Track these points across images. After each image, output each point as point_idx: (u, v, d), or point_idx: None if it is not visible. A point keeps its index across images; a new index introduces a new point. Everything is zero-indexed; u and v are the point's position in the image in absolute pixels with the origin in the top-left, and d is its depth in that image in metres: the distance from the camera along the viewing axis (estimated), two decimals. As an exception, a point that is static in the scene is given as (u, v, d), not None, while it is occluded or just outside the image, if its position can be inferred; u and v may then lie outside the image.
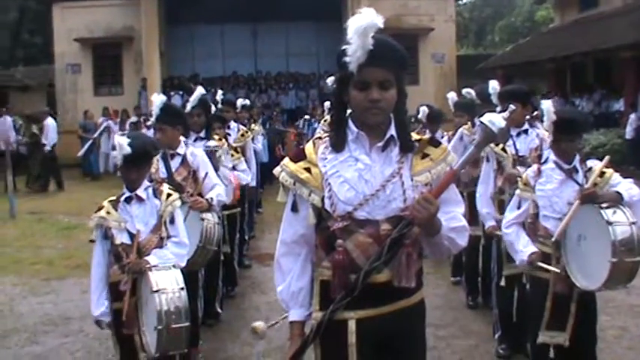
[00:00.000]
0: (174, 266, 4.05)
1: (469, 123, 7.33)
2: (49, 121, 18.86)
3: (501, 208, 5.55)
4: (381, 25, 2.54)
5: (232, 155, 7.40)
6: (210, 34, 26.50)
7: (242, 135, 8.92)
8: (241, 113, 11.13)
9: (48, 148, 18.36)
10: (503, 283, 5.73)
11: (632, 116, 18.51)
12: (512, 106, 4.35)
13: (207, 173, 5.69)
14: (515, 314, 5.84)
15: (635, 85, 19.65)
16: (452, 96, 8.46)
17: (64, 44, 24.70)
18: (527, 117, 5.80)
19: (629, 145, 18.11)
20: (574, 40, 23.35)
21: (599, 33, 22.08)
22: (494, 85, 6.26)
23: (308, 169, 2.73)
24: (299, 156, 2.79)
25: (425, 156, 2.75)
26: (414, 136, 2.80)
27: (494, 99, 6.13)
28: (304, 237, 2.80)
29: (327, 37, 26.33)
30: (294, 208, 2.80)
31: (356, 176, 2.66)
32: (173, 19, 25.40)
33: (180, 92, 23.97)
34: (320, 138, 2.82)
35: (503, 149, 5.77)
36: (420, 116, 9.03)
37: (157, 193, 4.39)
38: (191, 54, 26.98)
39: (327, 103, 11.96)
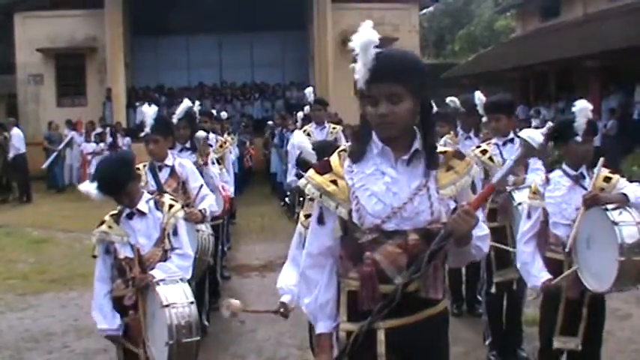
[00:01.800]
0: (181, 279, 4.01)
1: (452, 132, 7.40)
2: (15, 131, 18.70)
3: (491, 216, 5.62)
4: (377, 41, 2.58)
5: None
6: (175, 45, 26.37)
7: (220, 146, 8.90)
8: (215, 124, 11.11)
9: (10, 155, 18.22)
10: (493, 289, 5.80)
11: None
12: (550, 123, 4.41)
13: (202, 185, 5.68)
14: (505, 320, 5.94)
15: (598, 95, 20.01)
16: None
17: (26, 54, 24.32)
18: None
19: (594, 152, 18.40)
20: (537, 49, 23.73)
21: (561, 42, 22.47)
22: (479, 96, 6.35)
23: (334, 182, 2.73)
24: (325, 168, 2.78)
25: (450, 168, 2.77)
26: (440, 148, 2.82)
27: (481, 109, 6.22)
28: (330, 249, 2.80)
29: (292, 47, 26.49)
30: (321, 221, 2.80)
31: (383, 189, 2.67)
32: (137, 30, 25.22)
33: (146, 103, 23.78)
34: (345, 150, 2.83)
35: (490, 158, 5.84)
36: None
37: (158, 205, 4.32)
38: (155, 65, 26.75)
39: (299, 114, 11.93)
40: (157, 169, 5.67)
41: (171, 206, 4.35)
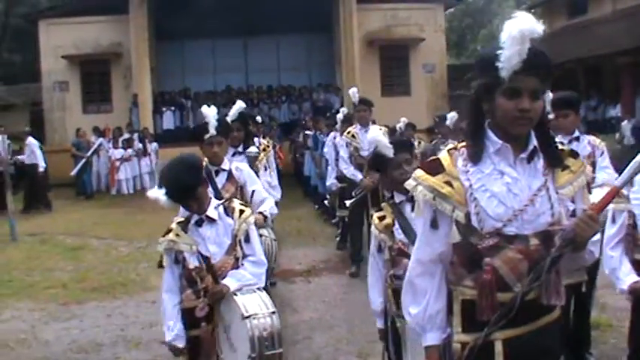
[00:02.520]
0: (258, 288, 3.82)
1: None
2: (32, 141, 18.08)
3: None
4: (541, 32, 2.39)
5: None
6: (201, 49, 26.18)
7: (264, 149, 8.71)
8: (254, 128, 11.02)
9: (43, 166, 17.84)
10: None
11: (624, 123, 18.64)
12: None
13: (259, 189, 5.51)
14: (573, 324, 5.74)
15: (632, 91, 19.74)
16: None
17: (51, 61, 24.28)
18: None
19: (629, 151, 18.18)
20: (565, 47, 23.43)
21: (589, 40, 22.19)
22: (546, 93, 6.16)
23: (449, 183, 2.53)
24: (436, 168, 2.59)
25: (565, 167, 2.62)
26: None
27: (547, 106, 6.05)
28: (442, 255, 2.60)
29: (318, 49, 26.32)
30: (434, 225, 2.59)
31: (504, 190, 2.49)
32: (163, 35, 25.07)
33: (172, 108, 23.75)
34: (455, 149, 2.64)
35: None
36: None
37: (228, 211, 4.13)
38: (181, 69, 26.60)
39: (339, 115, 11.63)
40: (213, 174, 5.45)
41: (241, 212, 4.12)
